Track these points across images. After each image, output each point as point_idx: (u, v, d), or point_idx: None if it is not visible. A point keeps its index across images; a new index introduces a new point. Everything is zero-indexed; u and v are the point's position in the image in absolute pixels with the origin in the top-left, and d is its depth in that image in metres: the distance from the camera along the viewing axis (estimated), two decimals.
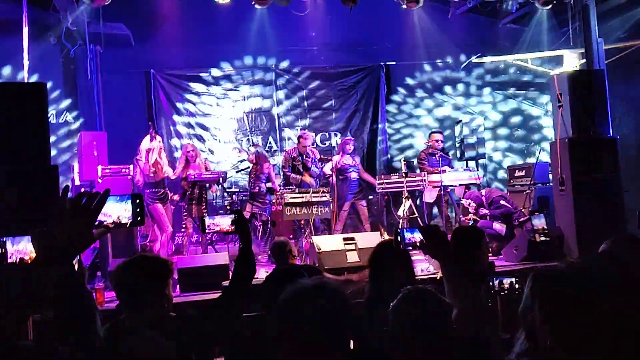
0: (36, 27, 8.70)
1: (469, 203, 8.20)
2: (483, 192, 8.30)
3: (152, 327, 2.21)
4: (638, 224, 3.42)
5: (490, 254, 7.09)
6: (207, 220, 3.00)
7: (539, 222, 3.10)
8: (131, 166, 8.07)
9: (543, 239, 3.09)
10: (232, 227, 2.93)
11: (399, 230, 2.65)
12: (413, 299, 2.14)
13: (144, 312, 2.43)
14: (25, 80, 7.29)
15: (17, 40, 7.76)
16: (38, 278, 1.37)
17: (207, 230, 3.01)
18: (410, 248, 2.64)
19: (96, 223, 1.54)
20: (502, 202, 7.95)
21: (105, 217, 1.65)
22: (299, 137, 9.11)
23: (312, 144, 9.47)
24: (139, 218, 1.77)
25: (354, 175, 8.99)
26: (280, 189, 8.58)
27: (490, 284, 3.22)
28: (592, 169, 7.11)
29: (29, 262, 1.43)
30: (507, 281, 2.72)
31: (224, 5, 8.44)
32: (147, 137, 7.96)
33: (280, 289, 2.64)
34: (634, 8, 9.37)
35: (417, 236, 2.55)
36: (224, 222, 2.96)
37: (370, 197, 9.80)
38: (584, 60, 8.06)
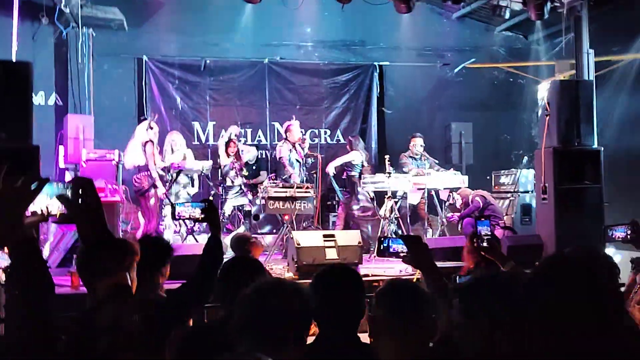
0: (28, 6, 8.63)
1: (457, 198, 8.32)
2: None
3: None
4: (603, 239, 3.39)
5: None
6: (178, 208, 3.00)
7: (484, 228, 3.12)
8: (116, 151, 8.01)
9: (484, 245, 3.11)
10: (202, 216, 2.95)
11: (382, 239, 2.66)
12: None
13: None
14: (13, 59, 7.23)
15: (7, 18, 7.71)
16: None
17: (176, 217, 3.01)
18: (394, 257, 2.65)
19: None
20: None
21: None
22: (286, 131, 9.02)
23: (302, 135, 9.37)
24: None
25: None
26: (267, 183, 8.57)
27: None
28: (574, 179, 7.14)
29: None
30: None
31: None
32: (144, 125, 7.86)
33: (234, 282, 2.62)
34: (629, 21, 9.39)
35: (400, 247, 2.56)
36: (195, 210, 2.96)
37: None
38: (574, 71, 8.10)
